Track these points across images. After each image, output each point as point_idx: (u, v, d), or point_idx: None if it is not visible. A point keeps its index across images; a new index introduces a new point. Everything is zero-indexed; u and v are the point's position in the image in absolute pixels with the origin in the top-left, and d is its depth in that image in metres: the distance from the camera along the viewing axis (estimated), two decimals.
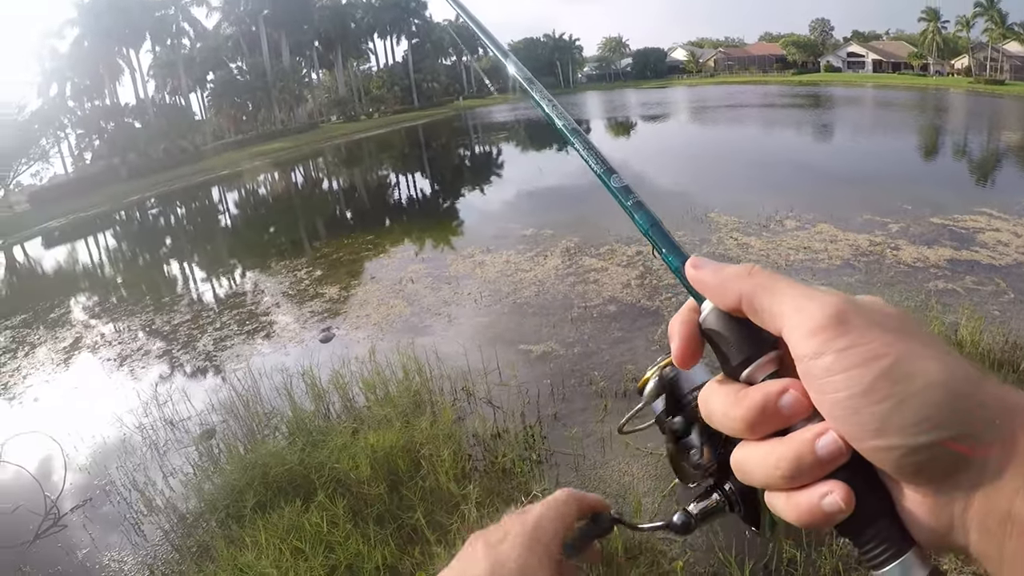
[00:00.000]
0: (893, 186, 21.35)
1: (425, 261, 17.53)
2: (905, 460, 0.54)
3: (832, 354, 0.56)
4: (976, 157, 30.69)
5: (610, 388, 9.22)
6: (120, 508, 8.04)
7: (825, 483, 0.58)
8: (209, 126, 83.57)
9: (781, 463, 0.60)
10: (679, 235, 7.39)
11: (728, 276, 0.65)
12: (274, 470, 7.16)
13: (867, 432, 0.55)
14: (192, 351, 13.35)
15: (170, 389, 11.42)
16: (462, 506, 6.43)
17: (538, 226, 19.10)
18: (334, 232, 24.97)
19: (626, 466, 7.37)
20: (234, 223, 34.19)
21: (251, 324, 14.43)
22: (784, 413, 0.60)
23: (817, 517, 0.58)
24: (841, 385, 0.55)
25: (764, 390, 0.62)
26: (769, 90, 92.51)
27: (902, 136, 39.36)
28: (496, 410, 8.92)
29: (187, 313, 16.18)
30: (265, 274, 19.14)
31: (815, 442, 0.58)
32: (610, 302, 12.53)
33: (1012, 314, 10.55)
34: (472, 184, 34.06)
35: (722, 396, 0.65)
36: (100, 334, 15.71)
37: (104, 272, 26.26)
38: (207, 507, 7.33)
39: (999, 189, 22.21)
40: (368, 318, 13.43)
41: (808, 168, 27.78)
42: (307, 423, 8.43)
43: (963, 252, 13.78)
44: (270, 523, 6.32)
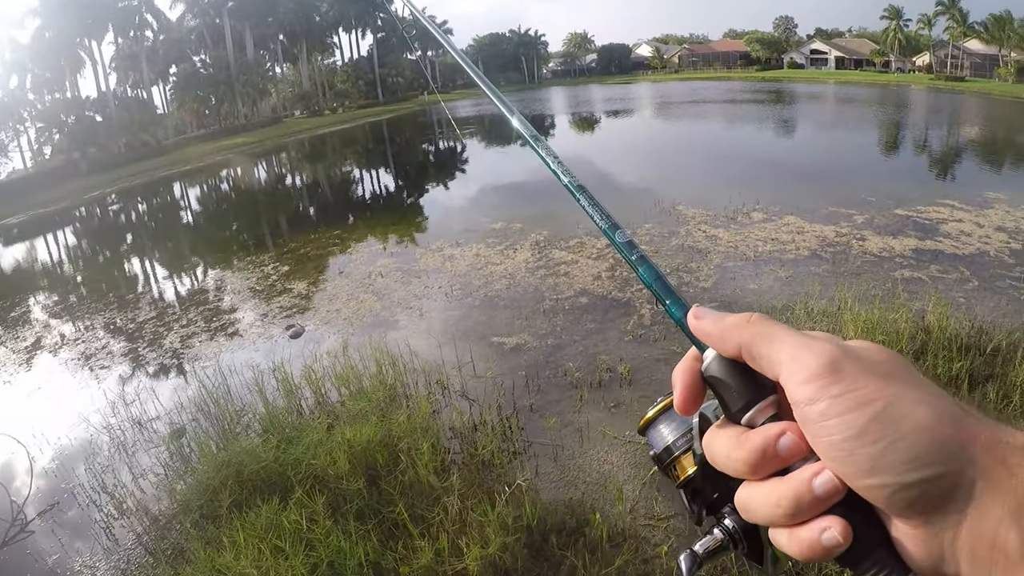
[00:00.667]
0: (856, 179, 21.89)
1: (394, 255, 17.46)
2: (896, 496, 0.59)
3: (827, 400, 0.60)
4: (937, 151, 31.48)
5: (585, 379, 9.30)
6: (89, 512, 7.90)
7: (824, 519, 0.62)
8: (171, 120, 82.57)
9: (782, 501, 0.63)
10: (648, 227, 7.55)
11: (728, 325, 0.70)
12: (249, 468, 7.07)
13: (860, 471, 0.59)
14: (159, 349, 13.14)
15: (137, 388, 11.26)
16: (444, 498, 6.41)
17: (507, 220, 19.17)
18: (300, 228, 24.86)
19: (605, 455, 7.46)
20: (197, 219, 33.80)
21: (218, 321, 14.27)
22: (783, 455, 0.65)
23: (817, 551, 0.62)
24: (835, 429, 0.60)
25: (764, 433, 0.66)
26: (732, 86, 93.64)
27: (864, 131, 40.20)
28: (472, 403, 8.94)
29: (152, 310, 15.95)
30: (231, 270, 18.96)
31: (812, 481, 0.62)
32: (581, 294, 12.61)
33: (976, 300, 10.96)
34: (438, 179, 34.10)
35: (724, 439, 0.69)
36: (63, 333, 15.43)
37: (65, 270, 25.82)
38: (180, 508, 7.24)
39: (960, 182, 22.76)
40: (338, 313, 13.36)
41: (772, 162, 28.20)
42: (280, 419, 8.34)
43: (927, 242, 14.18)
44: (248, 522, 6.22)
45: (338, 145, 61.17)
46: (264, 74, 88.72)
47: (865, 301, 10.37)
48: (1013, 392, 7.58)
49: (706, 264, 13.69)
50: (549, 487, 7.05)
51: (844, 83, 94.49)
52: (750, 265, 13.55)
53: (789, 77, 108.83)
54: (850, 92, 75.76)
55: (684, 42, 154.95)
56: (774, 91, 79.54)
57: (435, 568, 5.71)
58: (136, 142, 67.95)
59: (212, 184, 47.98)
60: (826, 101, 66.00)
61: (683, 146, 36.73)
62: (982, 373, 8.10)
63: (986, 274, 12.24)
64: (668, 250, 14.64)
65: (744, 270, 13.32)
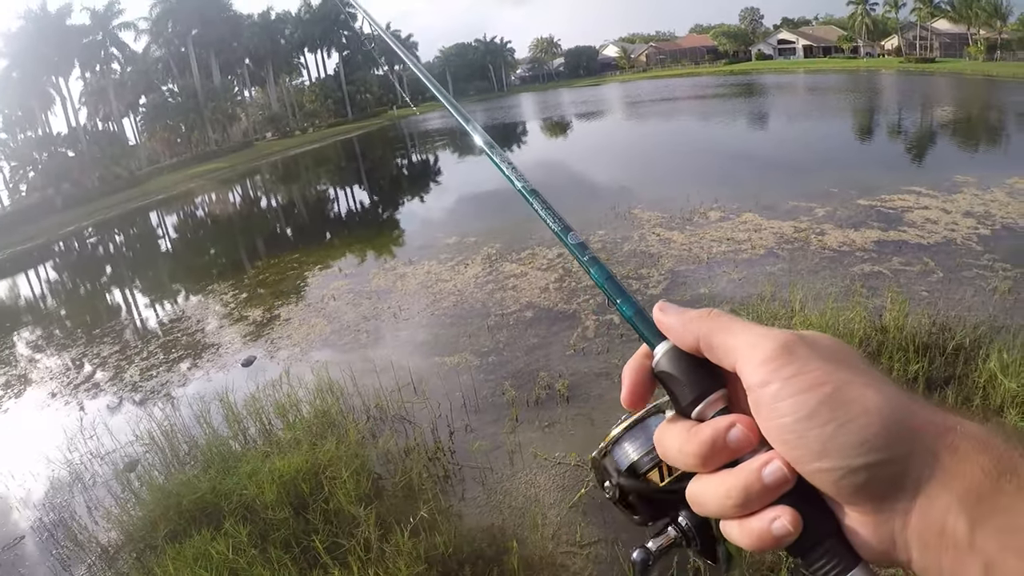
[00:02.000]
0: (819, 170, 21.74)
1: (348, 277, 17.57)
2: (844, 481, 0.60)
3: (779, 382, 0.63)
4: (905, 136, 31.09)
5: (520, 398, 9.29)
6: (48, 545, 8.11)
7: (774, 508, 0.64)
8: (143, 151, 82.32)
9: (732, 492, 0.65)
10: (601, 233, 7.91)
11: (689, 318, 0.73)
12: (187, 499, 7.26)
13: (810, 454, 0.61)
14: (119, 382, 13.34)
15: (96, 423, 11.39)
16: (361, 527, 6.50)
17: (461, 234, 19.24)
18: (262, 252, 25.03)
19: (533, 477, 7.46)
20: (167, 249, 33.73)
21: (176, 352, 14.45)
22: (732, 446, 0.66)
23: (768, 541, 0.64)
24: (787, 410, 0.62)
25: (714, 425, 0.68)
26: (701, 81, 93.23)
27: (830, 119, 39.89)
28: (409, 425, 9.01)
29: (115, 344, 16.12)
30: (191, 300, 19.23)
31: (762, 471, 0.64)
32: (527, 308, 12.67)
33: (940, 294, 10.65)
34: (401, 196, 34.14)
35: (675, 433, 0.71)
36: (33, 370, 15.67)
37: (41, 306, 25.89)
38: (126, 539, 7.44)
39: (928, 166, 22.64)
40: (289, 339, 13.50)
41: (734, 157, 27.97)
42: (221, 450, 8.50)
43: (890, 232, 13.94)
44: (179, 553, 6.43)
45: (310, 165, 61.02)
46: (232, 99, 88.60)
47: (820, 300, 10.17)
48: (974, 394, 7.31)
49: (657, 269, 13.62)
50: (473, 512, 7.06)
51: (813, 71, 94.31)
52: (703, 268, 13.43)
53: (758, 69, 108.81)
54: (819, 80, 75.44)
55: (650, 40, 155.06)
56: (742, 84, 79.08)
57: None
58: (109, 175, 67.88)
59: (185, 212, 47.97)
60: (795, 91, 65.60)
61: (646, 146, 36.64)
62: (941, 375, 7.82)
63: (952, 264, 11.93)
64: (620, 256, 14.69)
65: (696, 273, 13.20)
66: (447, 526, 6.54)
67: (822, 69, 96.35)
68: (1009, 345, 7.89)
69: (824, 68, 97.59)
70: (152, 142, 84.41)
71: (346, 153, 65.45)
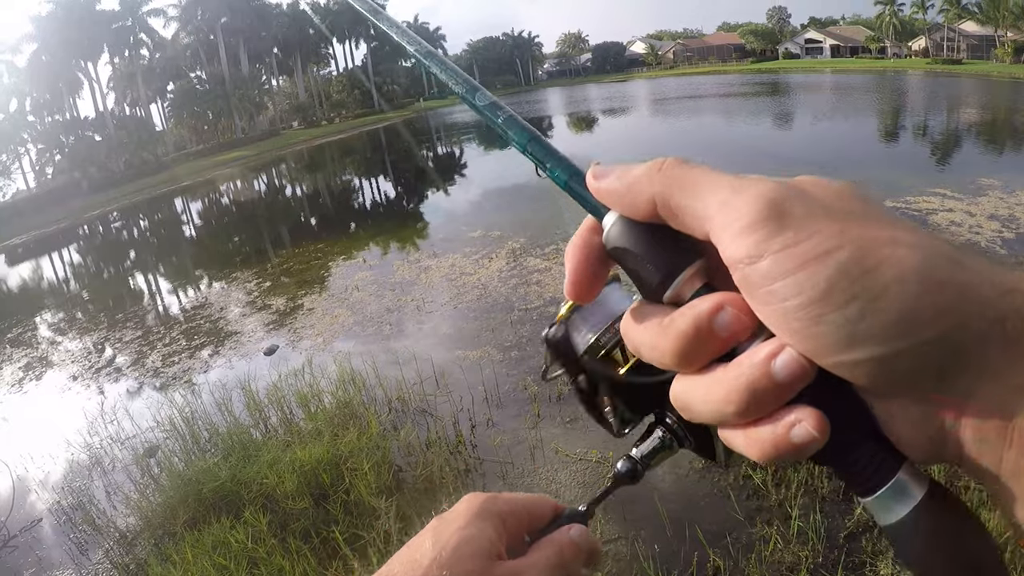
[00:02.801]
0: (847, 170, 21.36)
1: (372, 268, 17.50)
2: (883, 373, 0.46)
3: (771, 256, 0.46)
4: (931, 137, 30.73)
5: (542, 393, 9.18)
6: (65, 528, 8.10)
7: (791, 410, 0.49)
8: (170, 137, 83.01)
9: (732, 395, 0.50)
10: None
11: (636, 178, 0.55)
12: (207, 486, 7.24)
13: (831, 346, 0.46)
14: (141, 368, 13.35)
15: (116, 407, 11.41)
16: (381, 519, 6.47)
17: (487, 227, 19.10)
18: (286, 241, 24.97)
19: (553, 474, 7.38)
20: (192, 235, 33.89)
21: (199, 339, 14.43)
22: (722, 335, 0.50)
23: (786, 451, 0.49)
24: (790, 291, 0.46)
25: (694, 310, 0.51)
26: (728, 79, 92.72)
27: (856, 119, 39.52)
28: (430, 418, 8.95)
29: (138, 329, 16.14)
30: (215, 287, 19.20)
31: (770, 363, 0.48)
32: (550, 303, 12.53)
33: None
34: (428, 187, 33.93)
35: (646, 324, 0.55)
36: (55, 353, 15.70)
37: (65, 289, 25.97)
38: (145, 525, 7.44)
39: (954, 168, 22.26)
40: (312, 328, 13.45)
41: (765, 155, 27.75)
42: (241, 438, 8.49)
43: None
44: (198, 540, 6.42)
45: (335, 155, 60.96)
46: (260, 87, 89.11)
47: None
48: None
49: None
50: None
51: (840, 71, 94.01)
52: None
53: (784, 68, 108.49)
54: (845, 80, 74.95)
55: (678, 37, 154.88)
56: (769, 83, 78.56)
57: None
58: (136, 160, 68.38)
59: (210, 199, 48.12)
60: (821, 90, 65.10)
61: (671, 142, 36.26)
62: None
63: None
64: None
65: None
66: None
67: (849, 69, 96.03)
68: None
69: (851, 68, 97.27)
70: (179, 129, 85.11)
71: (372, 144, 65.50)
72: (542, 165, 0.64)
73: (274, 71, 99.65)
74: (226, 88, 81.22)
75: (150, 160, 69.79)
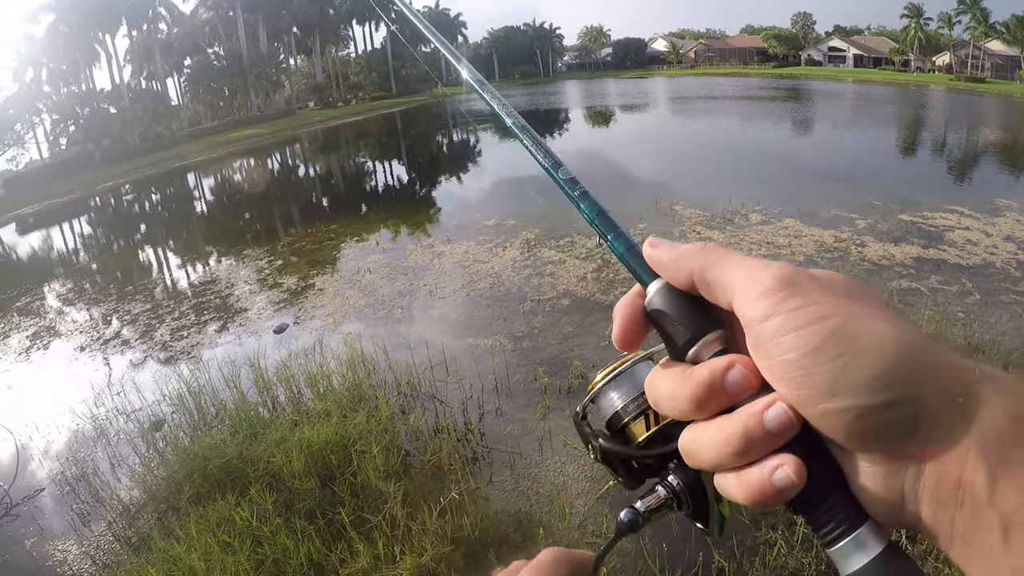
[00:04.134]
0: (865, 182, 21.46)
1: (385, 251, 17.49)
2: (857, 424, 0.54)
3: (782, 315, 0.57)
4: (951, 155, 30.81)
5: (553, 385, 9.21)
6: (68, 498, 8.08)
7: (775, 457, 0.58)
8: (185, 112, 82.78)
9: (730, 439, 0.59)
10: (642, 226, 7.61)
11: (682, 253, 0.66)
12: (213, 462, 7.22)
13: (819, 394, 0.55)
14: (149, 341, 13.31)
15: (123, 379, 11.38)
16: (388, 503, 6.44)
17: (501, 216, 19.17)
18: (299, 221, 25.03)
19: (561, 466, 7.37)
20: (204, 210, 34.01)
21: (208, 314, 14.42)
22: (731, 389, 0.60)
23: (768, 493, 0.58)
24: (792, 345, 0.56)
25: (711, 367, 0.61)
26: (749, 82, 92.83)
27: (878, 132, 39.48)
28: (439, 404, 8.94)
29: (148, 302, 16.12)
30: (225, 263, 19.18)
31: (764, 414, 0.58)
32: (564, 296, 12.54)
33: (976, 315, 10.54)
34: (443, 173, 34.04)
35: (669, 378, 0.65)
36: (63, 323, 15.68)
37: (74, 260, 26.06)
38: (149, 498, 7.41)
39: (972, 187, 22.32)
40: (323, 308, 13.44)
41: (781, 161, 27.85)
42: (249, 415, 8.47)
43: (930, 250, 13.81)
44: (202, 516, 6.38)
45: (350, 137, 61.22)
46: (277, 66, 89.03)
47: None
48: None
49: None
50: (500, 496, 7.00)
51: (862, 82, 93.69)
52: None
53: (806, 75, 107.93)
54: (868, 91, 74.84)
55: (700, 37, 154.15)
56: (791, 89, 78.52)
57: (371, 574, 5.77)
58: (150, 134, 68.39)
59: (223, 175, 48.19)
60: (843, 100, 65.17)
61: (690, 143, 36.48)
62: None
63: (990, 287, 11.84)
64: None
65: None
66: (474, 508, 6.51)
67: (871, 80, 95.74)
68: None
69: (873, 79, 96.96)
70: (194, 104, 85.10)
71: (388, 127, 65.70)
72: (605, 237, 0.76)
73: (292, 50, 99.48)
74: (243, 65, 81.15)
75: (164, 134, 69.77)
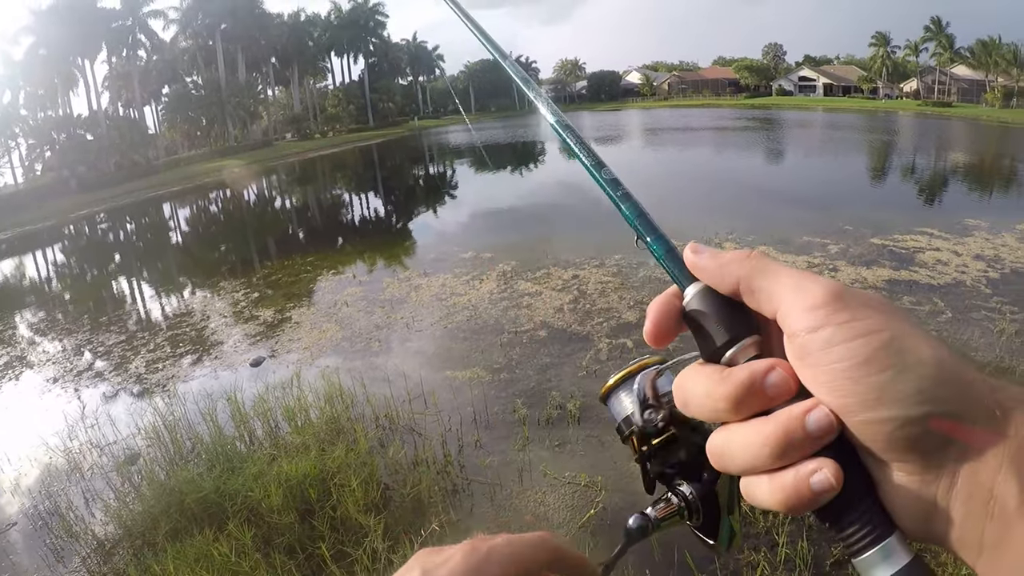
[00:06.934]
0: (836, 207, 21.78)
1: (362, 284, 17.45)
2: (899, 433, 0.56)
3: (832, 326, 0.58)
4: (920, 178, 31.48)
5: (532, 416, 9.23)
6: (41, 533, 7.97)
7: (813, 460, 0.59)
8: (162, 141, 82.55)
9: (769, 440, 0.60)
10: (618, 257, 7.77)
11: (728, 260, 0.67)
12: (190, 497, 7.17)
13: (864, 403, 0.56)
14: (124, 373, 13.19)
15: (97, 412, 11.28)
16: (369, 536, 6.41)
17: (478, 249, 19.15)
18: (275, 253, 25.00)
19: (542, 496, 7.38)
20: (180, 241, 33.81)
21: (184, 347, 14.32)
22: (770, 392, 0.61)
23: (804, 497, 0.58)
24: (843, 355, 0.57)
25: (751, 368, 0.62)
26: (721, 113, 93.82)
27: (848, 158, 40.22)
28: (418, 437, 8.92)
29: (122, 334, 15.99)
30: (200, 295, 19.12)
31: (805, 417, 0.58)
32: (541, 327, 12.57)
33: (948, 333, 10.84)
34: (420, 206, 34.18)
35: (705, 377, 0.65)
36: (35, 354, 15.51)
37: (47, 289, 25.78)
38: (124, 534, 7.34)
39: (942, 209, 22.83)
40: (300, 342, 13.40)
41: (754, 190, 28.17)
42: (226, 449, 8.40)
43: (902, 272, 14.11)
44: (180, 552, 6.33)
45: (327, 169, 61.31)
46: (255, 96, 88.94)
47: None
48: None
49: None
50: (482, 528, 6.69)
51: (832, 110, 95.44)
52: None
53: (778, 104, 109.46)
54: (838, 119, 76.17)
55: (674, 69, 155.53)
56: (762, 119, 79.59)
57: None
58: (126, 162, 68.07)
59: (199, 206, 48.03)
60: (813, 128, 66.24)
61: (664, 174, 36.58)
62: None
63: (961, 305, 12.19)
64: (635, 281, 14.62)
65: None
66: (455, 540, 6.25)
67: (840, 108, 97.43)
68: None
69: (842, 107, 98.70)
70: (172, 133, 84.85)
71: (364, 160, 65.85)
72: (644, 238, 0.76)
73: (270, 81, 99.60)
74: (221, 95, 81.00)
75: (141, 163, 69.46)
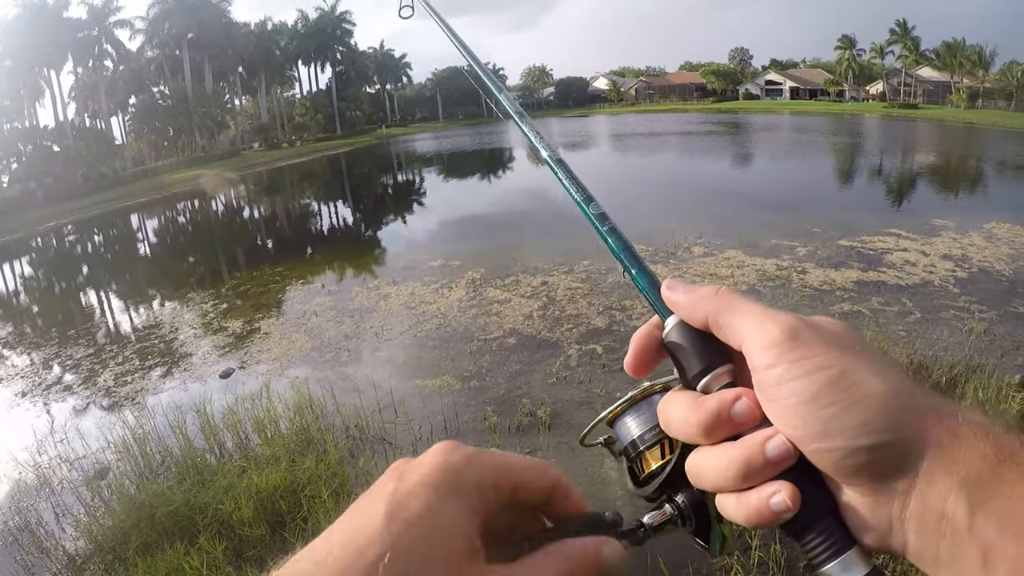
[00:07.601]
0: (804, 210, 22.02)
1: (331, 293, 17.43)
2: (845, 461, 0.61)
3: (784, 365, 0.64)
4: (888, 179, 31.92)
5: (502, 423, 9.28)
6: (11, 549, 7.91)
7: (773, 483, 0.65)
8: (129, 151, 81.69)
9: (733, 464, 0.66)
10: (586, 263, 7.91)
11: (698, 296, 0.73)
12: (160, 511, 7.12)
13: (813, 435, 0.62)
14: (92, 386, 13.10)
15: (66, 426, 11.22)
16: None
17: (447, 256, 19.16)
18: (243, 263, 24.95)
19: None
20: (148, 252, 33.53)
21: (153, 359, 14.25)
22: (736, 419, 0.67)
23: (765, 515, 0.64)
24: (791, 392, 0.63)
25: (720, 397, 0.69)
26: (689, 118, 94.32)
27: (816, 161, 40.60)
28: (389, 447, 8.96)
29: (90, 347, 15.86)
30: (169, 307, 19.05)
31: (765, 444, 0.65)
32: (510, 334, 12.63)
33: (917, 333, 11.00)
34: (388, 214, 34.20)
35: (681, 403, 0.71)
36: (2, 368, 15.34)
37: (14, 302, 25.40)
38: (95, 548, 7.30)
39: (909, 209, 23.11)
40: (269, 352, 13.37)
41: (722, 194, 28.33)
42: (196, 462, 8.36)
43: (870, 273, 14.28)
44: (151, 566, 6.32)
45: (295, 178, 61.01)
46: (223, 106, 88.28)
47: None
48: None
49: (641, 302, 13.31)
50: None
51: (798, 113, 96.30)
52: None
53: (744, 108, 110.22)
54: (804, 122, 76.88)
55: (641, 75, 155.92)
56: (729, 122, 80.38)
57: None
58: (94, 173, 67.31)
59: (167, 216, 47.55)
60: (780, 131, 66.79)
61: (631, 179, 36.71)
62: None
63: (929, 305, 12.37)
64: (604, 287, 14.73)
65: None
66: None
67: (807, 111, 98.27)
68: (984, 384, 8.40)
69: (809, 110, 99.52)
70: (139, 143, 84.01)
71: (332, 169, 65.72)
72: (629, 271, 0.83)
73: (238, 90, 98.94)
74: (188, 105, 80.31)
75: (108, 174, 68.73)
